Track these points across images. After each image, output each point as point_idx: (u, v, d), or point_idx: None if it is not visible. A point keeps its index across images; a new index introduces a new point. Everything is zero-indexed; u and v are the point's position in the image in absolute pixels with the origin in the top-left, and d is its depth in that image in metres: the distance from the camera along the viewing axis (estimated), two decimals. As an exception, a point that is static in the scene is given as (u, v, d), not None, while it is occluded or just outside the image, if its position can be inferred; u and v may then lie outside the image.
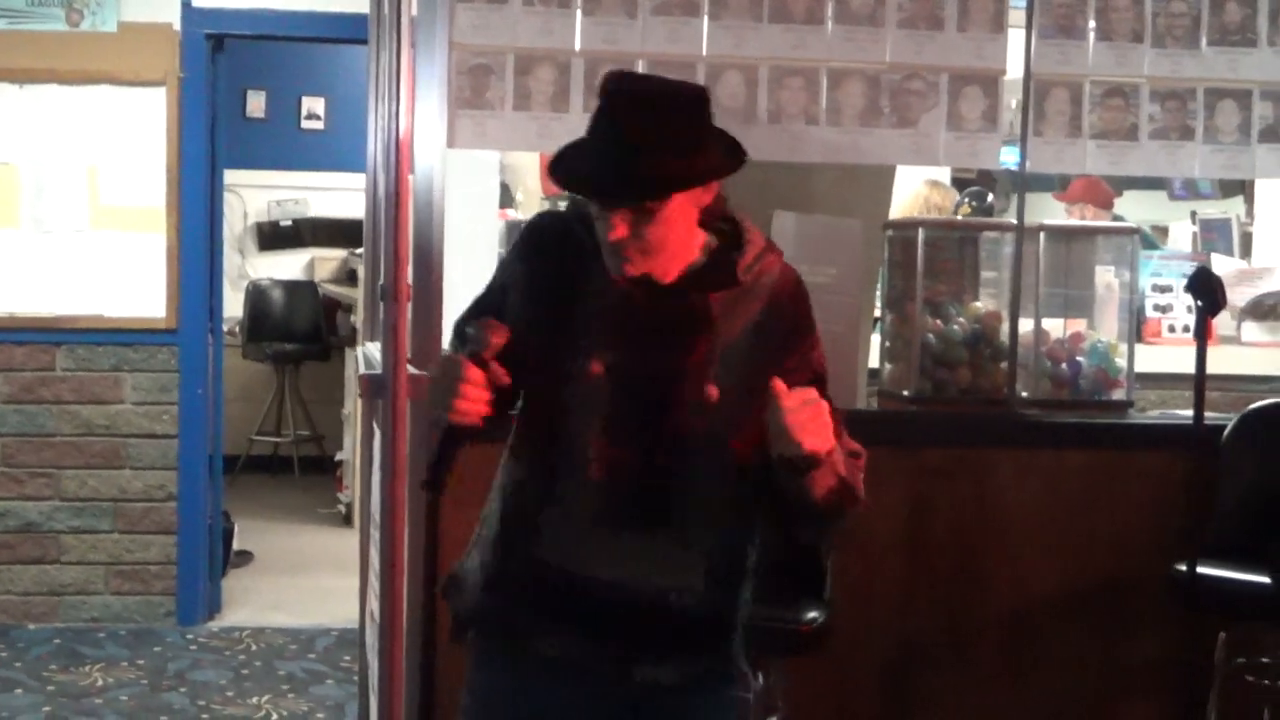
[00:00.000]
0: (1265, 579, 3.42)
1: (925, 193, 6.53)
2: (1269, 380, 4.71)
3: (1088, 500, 3.90)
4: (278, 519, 7.57)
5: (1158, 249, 6.75)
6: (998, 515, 3.87)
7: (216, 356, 5.98)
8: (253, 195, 8.78)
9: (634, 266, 2.16)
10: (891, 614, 3.84)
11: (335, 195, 8.58)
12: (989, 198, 7.68)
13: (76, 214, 5.62)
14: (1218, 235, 6.93)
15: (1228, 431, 3.78)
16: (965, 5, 3.76)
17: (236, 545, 6.55)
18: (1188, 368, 3.60)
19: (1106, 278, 4.33)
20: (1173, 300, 5.76)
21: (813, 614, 3.16)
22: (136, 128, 5.59)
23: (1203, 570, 3.42)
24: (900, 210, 6.15)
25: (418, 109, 3.55)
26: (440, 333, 3.39)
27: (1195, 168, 4.00)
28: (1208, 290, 3.27)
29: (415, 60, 3.56)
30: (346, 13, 5.44)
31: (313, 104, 8.87)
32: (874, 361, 4.37)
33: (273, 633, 5.72)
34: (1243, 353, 5.61)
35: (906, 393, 4.06)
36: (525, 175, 6.73)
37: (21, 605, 5.67)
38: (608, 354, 2.19)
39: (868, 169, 4.07)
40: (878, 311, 4.40)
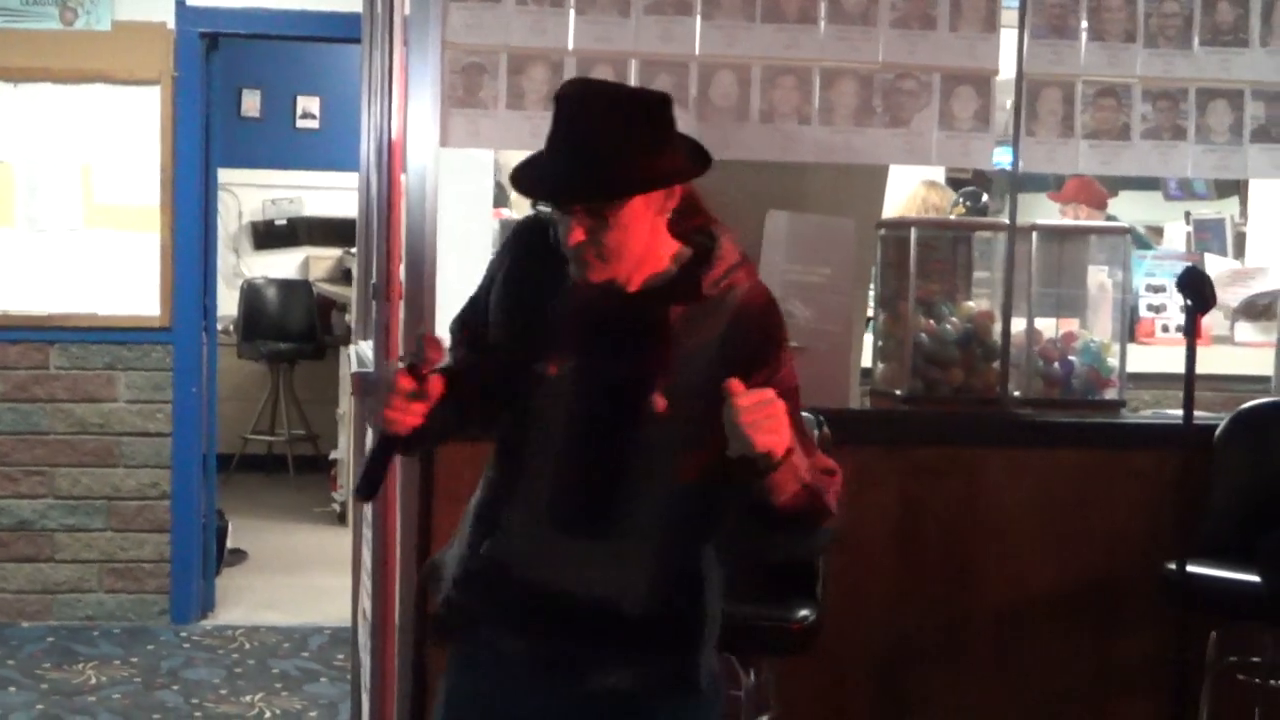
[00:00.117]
0: (1255, 578, 3.43)
1: (923, 193, 6.54)
2: (1262, 380, 4.70)
3: (1080, 499, 3.91)
4: (272, 518, 7.57)
5: (1151, 249, 6.75)
6: (990, 514, 3.88)
7: (210, 355, 5.98)
8: (248, 194, 8.78)
9: (595, 272, 2.15)
10: (884, 613, 3.84)
11: (330, 194, 8.58)
12: (984, 198, 7.68)
13: (71, 213, 5.62)
14: (1211, 235, 6.93)
15: (1219, 431, 3.79)
16: (958, 5, 3.76)
17: (230, 544, 6.56)
18: (1181, 367, 3.59)
19: (1100, 277, 4.33)
20: (1166, 300, 5.75)
21: (804, 612, 3.16)
22: (131, 126, 5.59)
23: (1193, 569, 3.42)
24: (898, 211, 6.15)
25: (410, 108, 3.55)
26: (432, 332, 3.39)
27: (1187, 168, 4.00)
28: (1197, 289, 3.27)
29: (408, 59, 3.57)
30: (341, 12, 5.45)
31: (308, 103, 8.88)
32: (867, 361, 4.37)
33: (266, 631, 5.72)
34: (1236, 353, 5.60)
35: (899, 392, 4.07)
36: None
37: (15, 603, 5.67)
38: (566, 359, 2.19)
39: (861, 169, 4.07)
40: (870, 311, 4.40)
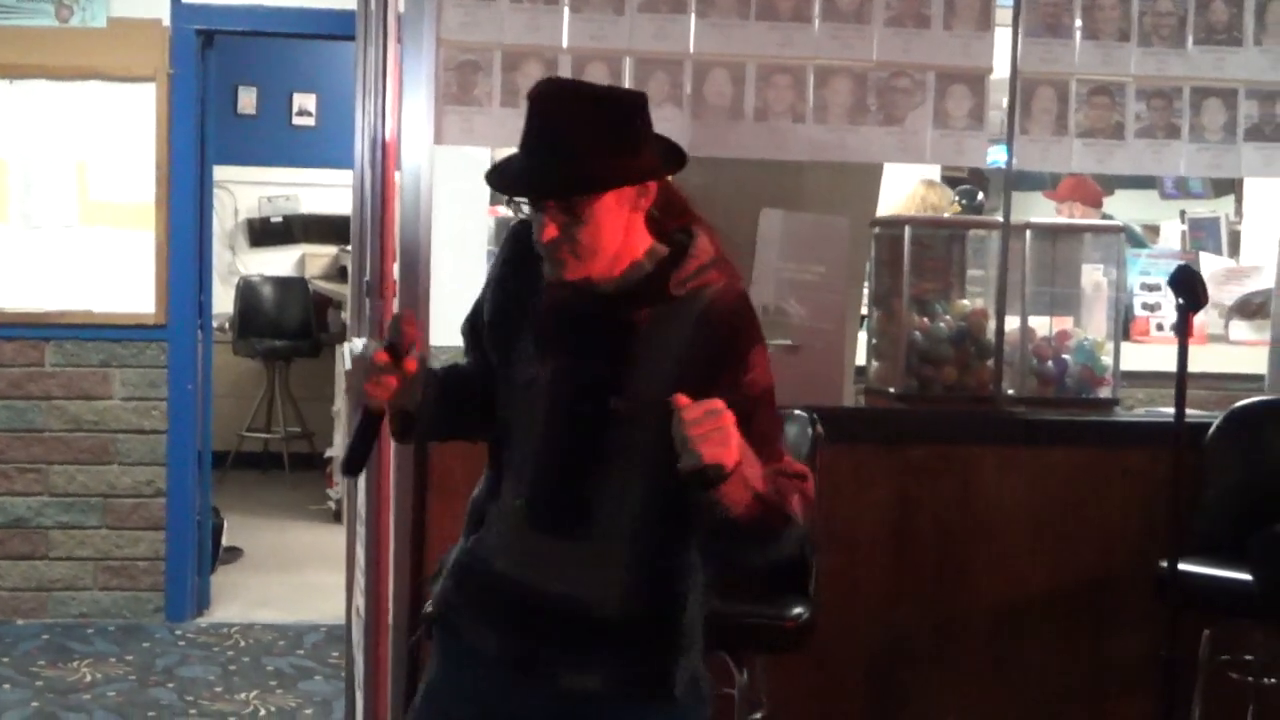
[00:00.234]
0: (1247, 576, 3.43)
1: (922, 193, 6.54)
2: (1255, 379, 4.71)
3: (1073, 498, 3.92)
4: (267, 515, 7.57)
5: (1146, 247, 6.76)
6: (984, 512, 3.88)
7: (206, 352, 5.98)
8: (244, 191, 8.77)
9: (569, 270, 2.13)
10: (877, 610, 3.85)
11: (326, 191, 8.57)
12: (979, 196, 7.70)
13: (66, 209, 5.61)
14: (1207, 234, 6.94)
15: (1212, 430, 3.80)
16: (952, 4, 3.77)
17: (225, 541, 6.56)
18: (1175, 366, 3.60)
19: (1094, 276, 4.34)
20: (1161, 299, 5.75)
21: (797, 610, 3.16)
22: (126, 123, 5.58)
23: (1185, 567, 3.43)
24: (897, 211, 6.15)
25: (405, 105, 3.55)
26: (427, 328, 3.39)
27: (1181, 166, 4.01)
28: (1189, 288, 3.28)
29: (402, 56, 3.57)
30: (336, 9, 5.44)
31: (304, 100, 8.87)
32: (861, 359, 4.38)
33: (261, 629, 5.72)
34: (1231, 351, 5.61)
35: (893, 390, 4.08)
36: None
37: (10, 601, 5.66)
38: (541, 359, 2.19)
39: (855, 167, 4.08)
40: (865, 309, 4.41)
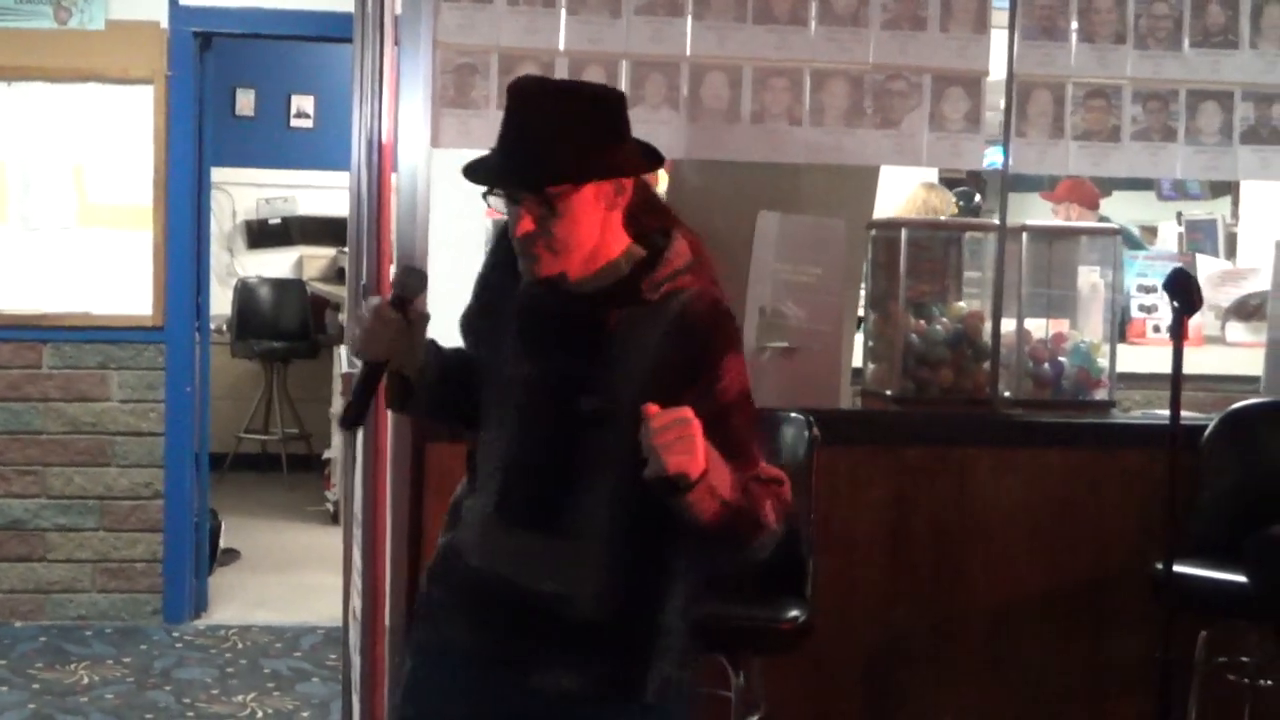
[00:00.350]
0: (1243, 578, 3.44)
1: (923, 195, 6.55)
2: (1252, 380, 4.72)
3: (1069, 499, 3.92)
4: (265, 517, 7.57)
5: (1143, 249, 6.76)
6: (980, 514, 3.89)
7: (203, 354, 5.99)
8: (241, 193, 8.78)
9: (543, 266, 2.14)
10: (874, 612, 3.85)
11: (324, 193, 8.58)
12: (976, 198, 7.70)
13: (64, 211, 5.61)
14: (1204, 236, 6.96)
15: (1208, 432, 3.80)
16: (948, 6, 3.77)
17: (223, 543, 6.56)
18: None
19: (1091, 278, 4.34)
20: (1158, 300, 5.76)
21: (794, 612, 3.17)
22: (124, 125, 5.59)
23: (1181, 569, 3.43)
24: (898, 214, 6.16)
25: (402, 108, 3.56)
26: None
27: (1177, 169, 4.02)
28: (1184, 291, 3.28)
29: (399, 59, 3.57)
30: (334, 11, 5.44)
31: (302, 102, 8.87)
32: (857, 361, 4.39)
33: (259, 630, 5.72)
34: (1228, 353, 5.62)
35: (889, 392, 4.08)
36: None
37: (7, 603, 5.66)
38: (519, 358, 2.20)
39: (852, 169, 4.08)
40: (861, 311, 4.41)
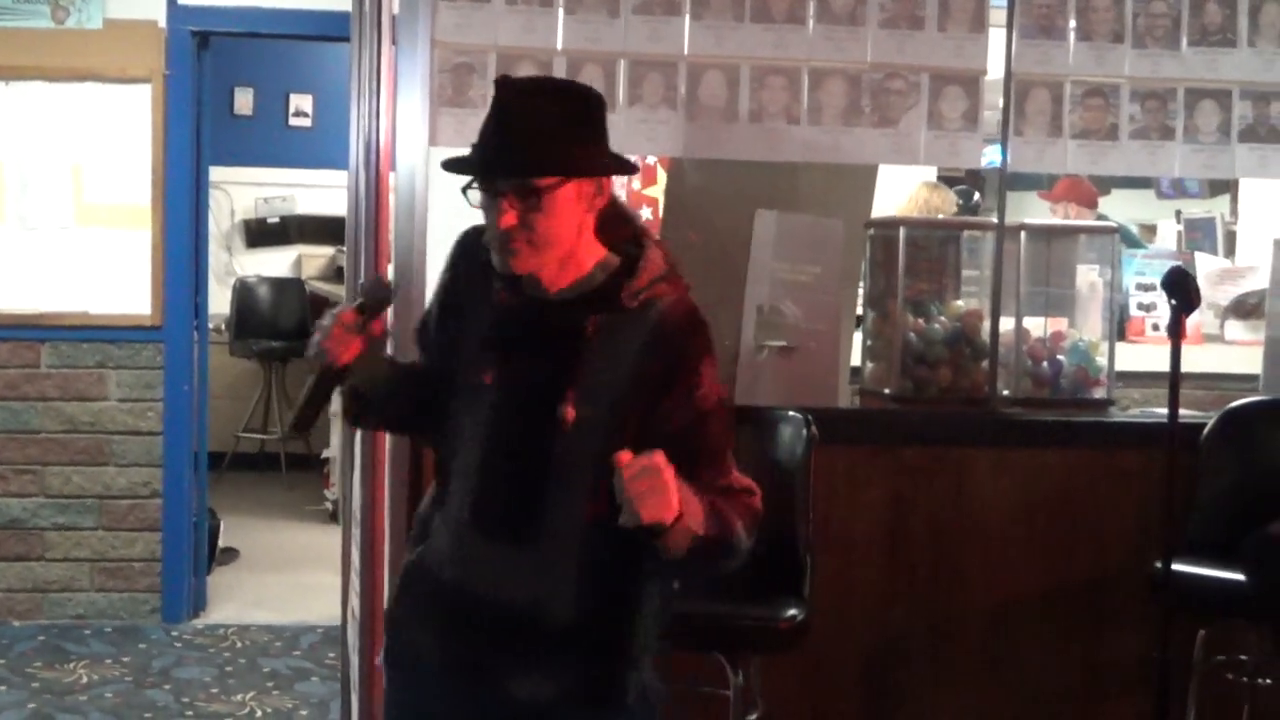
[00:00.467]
0: (1241, 577, 3.44)
1: (924, 195, 6.53)
2: (1250, 379, 4.72)
3: (1067, 498, 3.92)
4: (264, 516, 7.57)
5: (1142, 247, 6.76)
6: (978, 513, 3.89)
7: (202, 353, 5.99)
8: (240, 192, 8.78)
9: (521, 261, 2.13)
10: (872, 611, 3.85)
11: (323, 192, 8.58)
12: (975, 196, 7.69)
13: (61, 211, 5.61)
14: (1202, 234, 6.95)
15: (1207, 430, 3.80)
16: (946, 5, 3.78)
17: (222, 542, 6.55)
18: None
19: (1089, 277, 4.34)
20: (1156, 299, 5.75)
21: (792, 611, 3.17)
22: (122, 125, 5.58)
23: (1179, 568, 3.43)
24: (899, 213, 6.15)
25: (400, 107, 3.56)
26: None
27: (1175, 167, 4.02)
28: (1182, 289, 3.28)
29: (397, 58, 3.57)
30: (332, 10, 5.44)
31: (300, 101, 8.87)
32: (856, 360, 4.38)
33: (257, 630, 5.72)
34: (1226, 351, 5.62)
35: (888, 391, 4.08)
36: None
37: (6, 602, 5.66)
38: (489, 365, 2.19)
39: (850, 168, 4.09)
40: (859, 310, 4.41)
